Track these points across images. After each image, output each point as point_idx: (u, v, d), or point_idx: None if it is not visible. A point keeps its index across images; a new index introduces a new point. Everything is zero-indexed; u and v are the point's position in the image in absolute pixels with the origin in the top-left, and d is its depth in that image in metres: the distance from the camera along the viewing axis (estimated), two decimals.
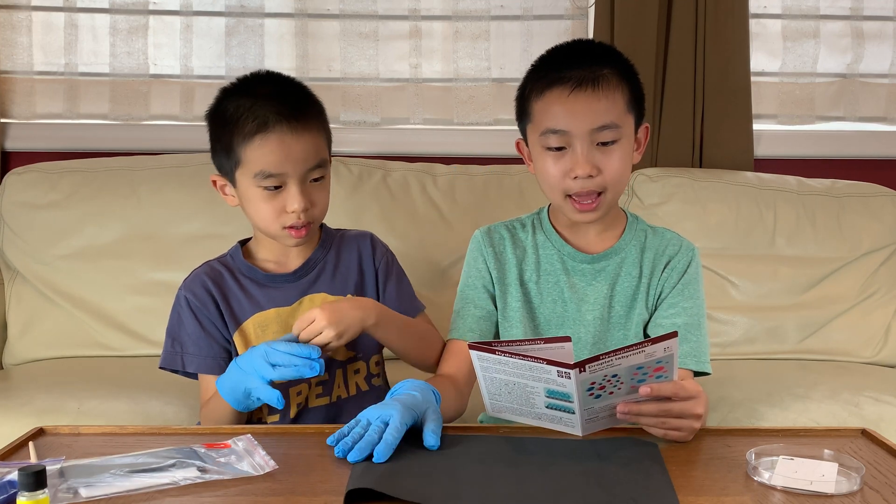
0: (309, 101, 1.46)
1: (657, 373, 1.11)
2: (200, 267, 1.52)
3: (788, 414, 1.74)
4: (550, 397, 1.10)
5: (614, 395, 1.11)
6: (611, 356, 1.06)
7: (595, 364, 1.05)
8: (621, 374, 1.08)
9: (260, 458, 1.08)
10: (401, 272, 1.58)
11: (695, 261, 1.46)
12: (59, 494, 0.96)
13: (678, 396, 1.12)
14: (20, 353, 2.17)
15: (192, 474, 1.03)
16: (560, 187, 1.38)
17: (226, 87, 1.46)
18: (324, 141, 1.45)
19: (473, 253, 1.50)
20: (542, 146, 1.38)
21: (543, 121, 1.37)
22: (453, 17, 2.51)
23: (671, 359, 1.10)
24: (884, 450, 1.15)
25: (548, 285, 1.45)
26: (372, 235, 1.59)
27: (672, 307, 1.43)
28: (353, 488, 0.95)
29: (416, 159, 2.37)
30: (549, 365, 1.06)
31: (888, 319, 2.19)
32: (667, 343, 1.08)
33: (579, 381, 1.06)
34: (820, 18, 2.52)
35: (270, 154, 1.37)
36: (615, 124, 1.35)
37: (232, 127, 1.39)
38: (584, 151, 1.35)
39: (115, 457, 1.07)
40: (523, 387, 1.11)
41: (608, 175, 1.36)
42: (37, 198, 2.19)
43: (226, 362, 1.48)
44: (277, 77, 1.47)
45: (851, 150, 2.54)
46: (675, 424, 1.14)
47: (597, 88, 1.35)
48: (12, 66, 2.46)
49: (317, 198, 1.43)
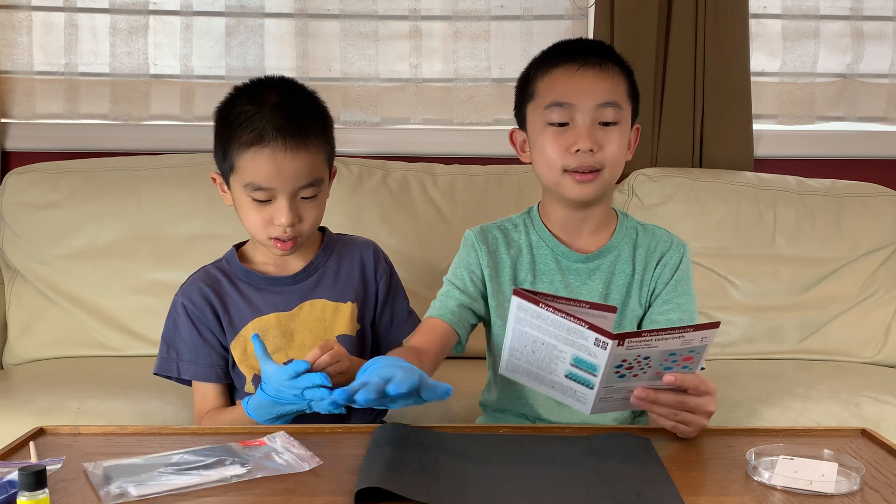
0: (314, 117, 1.43)
1: (685, 362, 1.10)
2: (196, 273, 1.52)
3: (788, 414, 1.74)
4: (575, 366, 1.09)
5: (637, 378, 1.10)
6: (652, 335, 1.05)
7: (635, 340, 1.04)
8: (653, 357, 1.07)
9: (302, 454, 1.08)
10: (398, 292, 1.58)
11: (686, 257, 1.47)
12: (111, 494, 0.96)
13: (697, 391, 1.12)
14: (20, 353, 2.17)
15: (240, 471, 1.03)
16: (559, 163, 1.38)
17: (238, 87, 1.44)
18: (322, 158, 1.43)
19: (467, 248, 1.49)
20: (544, 121, 1.39)
21: (548, 95, 1.39)
22: (453, 17, 2.51)
23: (703, 350, 1.09)
24: (884, 450, 1.15)
25: (543, 285, 1.45)
26: (375, 246, 1.58)
27: (666, 303, 1.43)
28: (361, 488, 0.95)
29: (416, 159, 2.38)
30: (589, 330, 1.05)
31: (888, 319, 2.19)
32: (705, 333, 1.07)
33: (613, 354, 1.05)
34: (820, 18, 2.52)
35: (262, 168, 1.36)
36: (618, 104, 1.38)
37: (231, 132, 1.38)
38: (587, 125, 1.37)
39: (154, 456, 1.07)
40: (552, 348, 1.10)
41: (607, 153, 1.37)
42: (37, 198, 2.20)
43: (222, 370, 1.49)
44: (290, 85, 1.45)
45: (851, 150, 2.54)
46: (685, 418, 1.14)
47: (603, 69, 1.39)
48: (12, 66, 2.46)
49: (306, 214, 1.41)
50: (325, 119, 1.46)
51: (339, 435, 1.20)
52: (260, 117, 1.37)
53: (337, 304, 1.50)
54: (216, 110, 1.45)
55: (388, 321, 1.56)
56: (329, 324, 1.49)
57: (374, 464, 1.01)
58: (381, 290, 1.55)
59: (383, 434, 1.12)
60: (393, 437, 1.10)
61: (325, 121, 1.46)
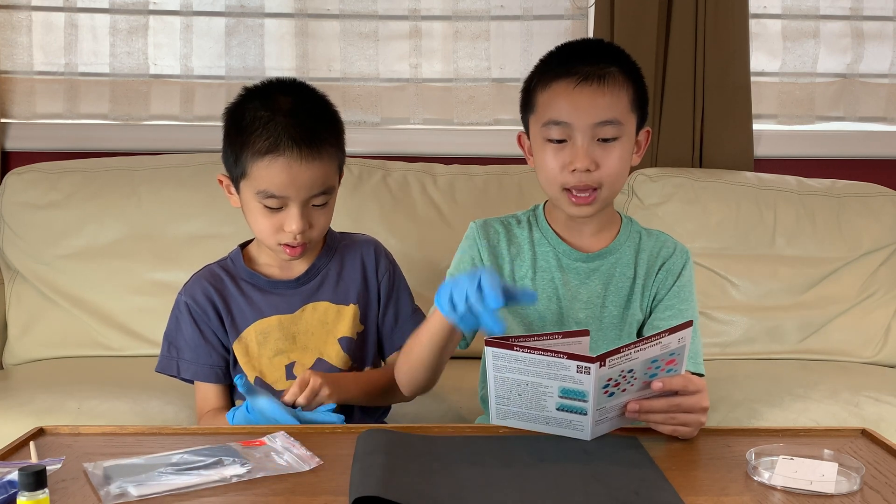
0: (328, 123, 1.42)
1: (669, 366, 1.11)
2: (201, 271, 1.51)
3: (788, 414, 1.74)
4: (563, 397, 1.10)
5: (626, 393, 1.11)
6: (630, 348, 1.06)
7: (615, 357, 1.05)
8: (636, 369, 1.08)
9: (302, 454, 1.09)
10: (401, 289, 1.57)
11: (688, 263, 1.47)
12: (111, 494, 0.97)
13: (686, 390, 1.13)
14: (20, 353, 2.17)
15: (240, 471, 1.03)
16: (558, 180, 1.38)
17: (249, 88, 1.43)
18: (335, 167, 1.42)
19: (468, 242, 1.49)
20: (543, 137, 1.38)
21: (547, 112, 1.38)
22: (453, 17, 2.51)
23: (683, 350, 1.10)
24: (884, 450, 1.15)
25: (543, 282, 1.45)
26: (376, 244, 1.58)
27: (668, 309, 1.43)
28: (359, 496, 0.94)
29: (416, 159, 2.38)
30: (568, 360, 1.05)
31: (888, 319, 2.19)
32: (681, 334, 1.08)
33: (598, 376, 1.05)
34: (820, 18, 2.52)
35: (276, 177, 1.35)
36: (617, 121, 1.36)
37: (244, 138, 1.37)
38: (585, 145, 1.35)
39: (154, 456, 1.07)
40: (536, 387, 1.10)
41: (605, 171, 1.36)
42: (37, 198, 2.19)
43: (223, 370, 1.48)
44: (301, 89, 1.44)
45: (851, 150, 2.54)
46: (683, 420, 1.14)
47: (602, 84, 1.35)
48: (12, 66, 2.46)
49: (316, 220, 1.42)
50: (338, 125, 1.45)
51: (339, 435, 1.20)
52: (274, 124, 1.35)
53: (339, 307, 1.50)
54: (226, 111, 1.44)
55: (392, 319, 1.55)
56: (331, 326, 1.49)
57: (368, 471, 1.01)
58: (383, 289, 1.55)
59: (371, 441, 1.10)
60: (383, 443, 1.09)
61: (338, 126, 1.45)
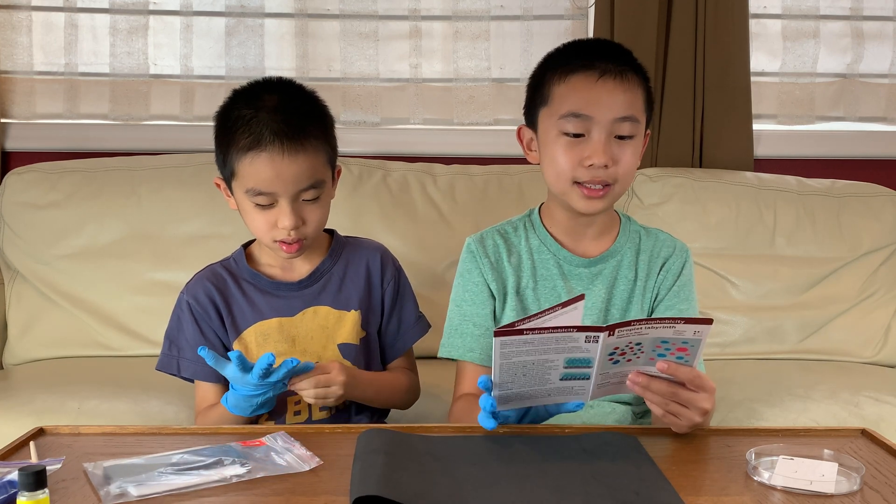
0: (314, 117, 1.41)
1: (679, 353, 1.10)
2: (203, 271, 1.51)
3: (788, 414, 1.74)
4: (568, 367, 1.09)
5: (631, 363, 1.11)
6: (641, 324, 1.05)
7: (625, 329, 1.05)
8: (645, 344, 1.08)
9: (302, 454, 1.09)
10: (406, 298, 1.57)
11: (688, 262, 1.46)
12: (111, 494, 0.97)
13: (693, 385, 1.11)
14: (20, 353, 2.17)
15: (240, 471, 1.03)
16: (570, 175, 1.36)
17: (236, 90, 1.43)
18: (323, 160, 1.41)
19: (468, 264, 1.47)
20: (558, 130, 1.36)
21: (565, 104, 1.35)
22: (453, 17, 2.51)
23: (698, 344, 1.09)
24: (884, 450, 1.15)
25: (545, 290, 1.44)
26: (383, 251, 1.56)
27: (669, 309, 1.43)
28: (360, 496, 0.94)
29: (416, 159, 2.37)
30: (577, 332, 1.05)
31: (888, 319, 2.19)
32: (698, 327, 1.07)
33: (605, 344, 1.05)
34: (820, 18, 2.52)
35: (261, 172, 1.35)
36: (635, 118, 1.35)
37: (229, 137, 1.38)
38: (603, 140, 1.34)
39: (154, 456, 1.07)
40: (542, 364, 1.09)
41: (621, 168, 1.35)
42: (37, 198, 2.19)
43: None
44: (287, 86, 1.43)
45: (851, 150, 2.54)
46: (676, 410, 1.13)
47: (623, 80, 1.35)
48: (12, 66, 2.46)
49: (309, 216, 1.40)
50: (325, 119, 1.44)
51: (339, 435, 1.20)
52: (257, 121, 1.35)
53: (340, 313, 1.49)
54: (215, 115, 1.44)
55: (395, 328, 1.55)
56: (331, 331, 1.48)
57: (368, 471, 1.01)
58: (387, 298, 1.54)
59: (372, 440, 1.10)
60: (383, 443, 1.09)
61: (325, 121, 1.44)
